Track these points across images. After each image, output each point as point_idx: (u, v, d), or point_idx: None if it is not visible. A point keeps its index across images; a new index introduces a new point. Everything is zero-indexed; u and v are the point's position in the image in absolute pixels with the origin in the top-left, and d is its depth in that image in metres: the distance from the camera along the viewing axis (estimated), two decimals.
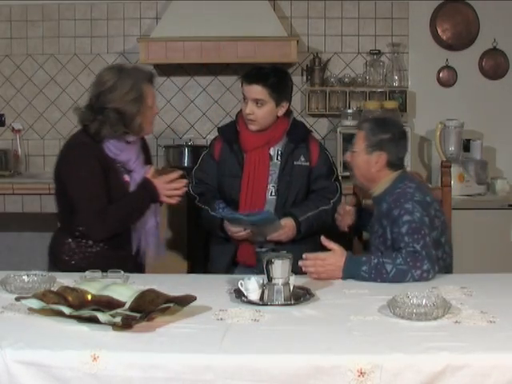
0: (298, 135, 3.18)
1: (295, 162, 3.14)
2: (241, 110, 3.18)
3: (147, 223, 2.92)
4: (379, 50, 4.68)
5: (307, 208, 3.12)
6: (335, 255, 2.63)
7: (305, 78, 4.70)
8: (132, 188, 2.86)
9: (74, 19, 4.76)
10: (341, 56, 4.74)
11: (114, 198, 2.81)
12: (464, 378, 1.84)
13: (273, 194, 3.13)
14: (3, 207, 4.32)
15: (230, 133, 3.19)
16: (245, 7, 4.43)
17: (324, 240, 2.74)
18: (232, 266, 3.13)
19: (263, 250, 3.09)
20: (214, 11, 4.41)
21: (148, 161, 3.02)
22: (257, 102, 3.07)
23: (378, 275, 2.57)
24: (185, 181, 2.90)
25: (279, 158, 3.15)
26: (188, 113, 4.82)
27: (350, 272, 2.60)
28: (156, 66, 4.70)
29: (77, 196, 2.78)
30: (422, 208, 2.71)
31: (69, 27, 4.76)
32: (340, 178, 3.31)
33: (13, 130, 4.80)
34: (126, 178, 2.86)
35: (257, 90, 3.06)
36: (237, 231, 3.04)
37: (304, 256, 2.62)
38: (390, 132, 2.86)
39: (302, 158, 3.15)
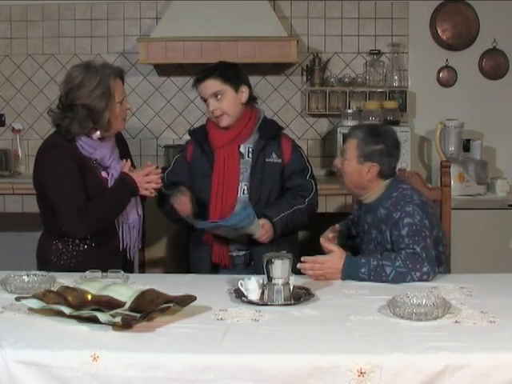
0: (268, 132, 3.11)
1: (267, 159, 3.07)
2: None
3: (129, 217, 2.94)
4: (379, 50, 4.68)
5: (281, 208, 3.04)
6: (334, 257, 2.63)
7: (305, 77, 4.70)
8: (110, 184, 2.87)
9: (74, 19, 4.76)
10: (341, 56, 4.74)
11: (92, 195, 2.83)
12: (464, 378, 1.84)
13: (245, 192, 3.06)
14: (3, 207, 4.32)
15: (200, 134, 3.16)
16: (245, 7, 4.42)
17: (323, 241, 2.75)
18: (212, 269, 3.08)
19: (240, 254, 3.08)
20: (214, 11, 4.41)
21: (125, 155, 3.00)
22: (215, 95, 3.02)
23: (377, 277, 2.57)
24: (159, 171, 2.93)
25: (250, 155, 3.08)
26: (188, 113, 4.82)
27: (349, 274, 2.60)
28: (156, 65, 4.71)
29: (55, 197, 2.82)
30: (422, 211, 2.71)
31: (69, 27, 4.76)
32: (314, 175, 3.21)
33: (13, 130, 4.80)
34: (103, 174, 2.88)
35: (210, 84, 3.03)
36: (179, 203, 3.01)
37: (302, 259, 2.61)
38: (382, 143, 2.82)
39: (274, 155, 3.08)
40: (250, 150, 3.08)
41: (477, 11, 4.65)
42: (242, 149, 3.09)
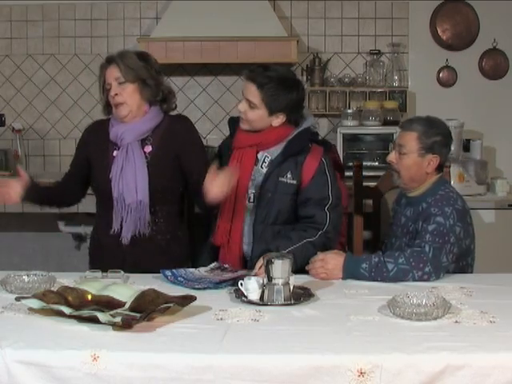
0: (291, 148, 2.88)
1: (280, 178, 2.86)
2: None
3: (126, 199, 2.83)
4: (379, 50, 4.68)
5: (289, 241, 2.79)
6: (335, 255, 2.64)
7: (305, 78, 4.69)
8: (116, 164, 2.85)
9: (74, 19, 4.75)
10: (341, 56, 4.74)
11: (97, 174, 2.91)
12: (464, 378, 1.84)
13: (251, 200, 2.89)
14: (3, 207, 4.31)
15: (233, 126, 3.05)
16: (245, 7, 4.42)
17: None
18: None
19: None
20: (214, 11, 4.41)
21: (161, 146, 2.91)
22: (249, 102, 2.86)
23: (378, 273, 2.56)
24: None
25: (264, 165, 2.90)
26: (188, 113, 4.80)
27: (350, 270, 2.60)
28: None
29: None
30: (460, 218, 2.71)
31: (69, 27, 4.76)
32: (337, 207, 2.90)
33: (13, 130, 4.79)
34: (115, 153, 2.89)
35: (250, 90, 2.85)
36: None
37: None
38: (441, 134, 2.82)
39: (289, 175, 2.86)
40: (267, 160, 2.90)
41: (477, 11, 4.65)
42: (259, 155, 2.92)
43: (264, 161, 2.91)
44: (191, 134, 2.97)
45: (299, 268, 2.64)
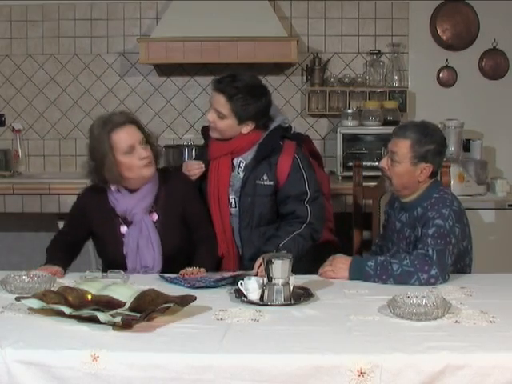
0: (262, 151, 2.95)
1: (257, 181, 2.93)
2: None
3: (142, 269, 2.83)
4: (379, 50, 4.68)
5: (278, 239, 2.86)
6: (342, 256, 2.69)
7: (305, 78, 4.70)
8: (127, 241, 2.81)
9: (74, 19, 4.76)
10: (341, 56, 4.74)
11: (110, 250, 2.85)
12: (464, 378, 1.84)
13: (233, 205, 2.97)
14: (3, 207, 4.32)
15: (206, 136, 3.11)
16: (245, 7, 4.43)
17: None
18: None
19: None
20: (214, 11, 4.41)
21: (166, 205, 2.88)
22: (218, 113, 2.90)
23: (383, 272, 2.56)
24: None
25: (240, 170, 2.97)
26: (188, 113, 4.82)
27: (356, 268, 2.61)
28: (156, 65, 4.71)
29: None
30: (457, 219, 2.70)
31: (69, 27, 4.76)
32: (317, 199, 2.98)
33: (13, 130, 4.80)
34: (122, 229, 2.84)
35: (219, 101, 2.89)
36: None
37: None
38: (435, 142, 2.77)
39: (265, 177, 2.93)
40: (242, 165, 2.97)
41: (477, 11, 4.65)
42: (234, 161, 2.99)
43: (240, 166, 2.98)
44: (190, 190, 2.96)
45: (297, 261, 2.58)
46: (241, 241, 2.99)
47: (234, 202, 2.98)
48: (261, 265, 2.55)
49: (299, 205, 2.93)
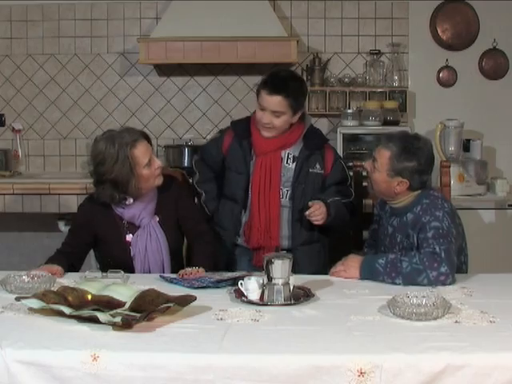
0: (314, 143, 3.16)
1: (310, 170, 3.12)
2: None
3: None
4: (379, 50, 4.68)
5: (329, 195, 3.09)
6: (354, 256, 2.72)
7: (305, 78, 4.69)
8: (134, 248, 2.89)
9: (74, 19, 4.75)
10: (341, 56, 4.74)
11: (116, 258, 2.88)
12: (464, 378, 1.84)
13: (286, 196, 3.12)
14: (3, 207, 4.31)
15: (243, 130, 3.17)
16: (245, 7, 4.42)
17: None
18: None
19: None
20: (213, 11, 4.41)
21: (168, 205, 2.97)
22: (275, 112, 3.02)
23: (393, 269, 2.57)
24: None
25: (289, 161, 3.12)
26: (188, 113, 4.82)
27: (367, 265, 2.62)
28: (156, 65, 4.71)
29: None
30: (451, 219, 2.71)
31: (69, 27, 4.76)
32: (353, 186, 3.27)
33: (13, 130, 4.80)
34: (128, 238, 2.91)
35: (277, 102, 3.01)
36: None
37: None
38: (416, 160, 2.75)
39: (318, 166, 3.13)
40: (291, 156, 3.13)
41: (477, 11, 4.65)
42: (282, 153, 3.13)
43: (288, 157, 3.13)
44: (183, 191, 3.06)
45: (337, 224, 3.12)
46: (292, 230, 3.12)
47: (286, 194, 3.12)
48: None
49: (345, 187, 3.20)
